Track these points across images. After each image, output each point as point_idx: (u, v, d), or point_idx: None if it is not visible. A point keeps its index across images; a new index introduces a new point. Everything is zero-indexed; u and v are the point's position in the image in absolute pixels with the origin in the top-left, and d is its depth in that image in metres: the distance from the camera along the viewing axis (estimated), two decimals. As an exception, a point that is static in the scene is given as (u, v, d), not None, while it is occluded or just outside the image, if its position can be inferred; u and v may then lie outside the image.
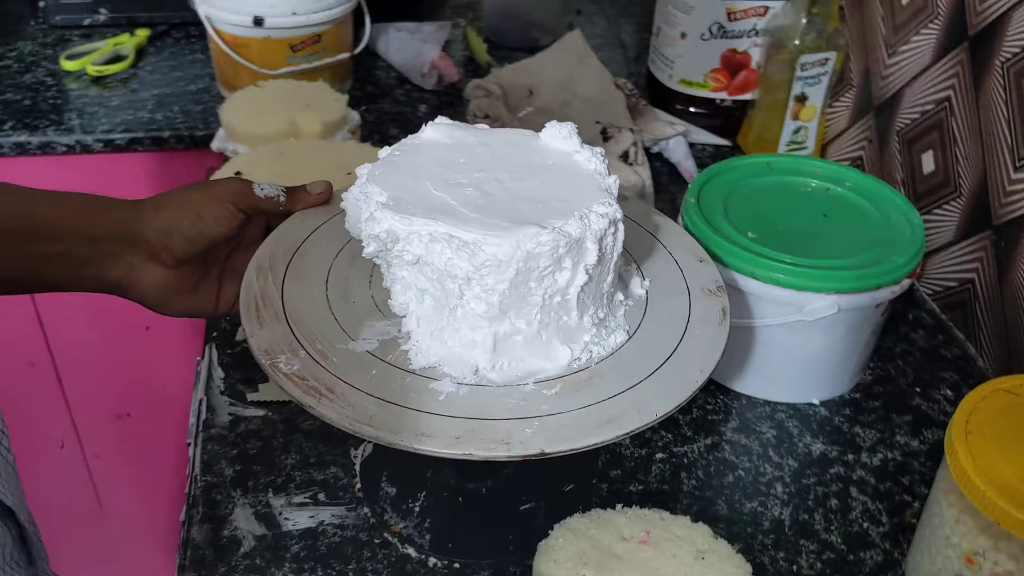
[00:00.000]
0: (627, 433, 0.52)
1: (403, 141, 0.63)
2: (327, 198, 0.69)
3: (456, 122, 0.65)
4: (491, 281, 0.52)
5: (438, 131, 0.64)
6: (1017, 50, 0.79)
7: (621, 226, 0.56)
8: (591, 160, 0.59)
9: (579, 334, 0.56)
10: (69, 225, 0.62)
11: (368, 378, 0.54)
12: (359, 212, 0.57)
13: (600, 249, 0.54)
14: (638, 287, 0.63)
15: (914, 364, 0.84)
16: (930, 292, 0.92)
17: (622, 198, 0.69)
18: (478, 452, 0.50)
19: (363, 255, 0.56)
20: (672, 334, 0.58)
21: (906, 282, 0.74)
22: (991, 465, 0.56)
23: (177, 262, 0.65)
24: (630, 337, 0.59)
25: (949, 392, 0.81)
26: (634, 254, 0.66)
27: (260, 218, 0.68)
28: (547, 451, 0.50)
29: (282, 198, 0.67)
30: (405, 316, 0.57)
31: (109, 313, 1.29)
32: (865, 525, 0.69)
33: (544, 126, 0.62)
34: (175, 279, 0.66)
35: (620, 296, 0.61)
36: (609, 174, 0.58)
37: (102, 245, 0.63)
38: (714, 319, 0.60)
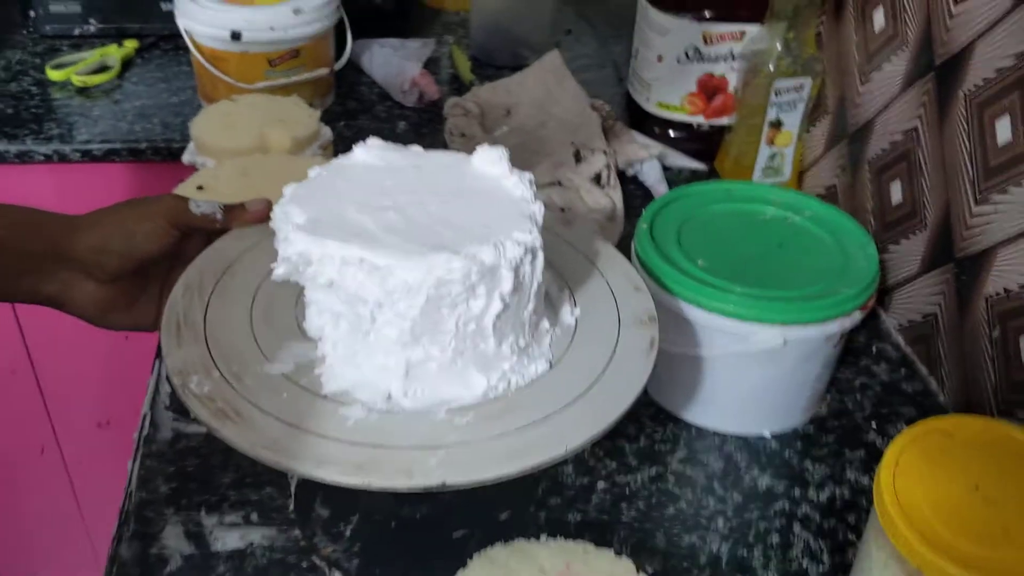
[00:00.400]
0: (534, 466, 0.51)
1: (333, 161, 0.62)
2: (265, 216, 0.68)
3: (389, 143, 0.64)
4: (402, 307, 0.52)
5: (369, 152, 0.63)
6: (980, 82, 0.78)
7: (540, 254, 0.55)
8: (518, 186, 0.58)
9: (497, 362, 0.55)
10: (1, 239, 0.62)
11: (278, 401, 0.54)
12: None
13: (516, 277, 0.53)
14: (568, 315, 0.62)
15: (873, 398, 0.83)
16: (896, 325, 0.91)
17: (564, 223, 0.69)
18: (377, 482, 0.49)
19: (272, 277, 0.56)
20: (595, 365, 0.58)
21: (857, 315, 0.73)
22: (917, 510, 0.54)
23: (111, 278, 0.65)
24: (552, 366, 0.58)
25: (905, 427, 0.80)
26: (569, 281, 0.65)
27: (200, 235, 0.68)
28: (448, 483, 0.49)
29: (219, 215, 0.67)
30: (320, 339, 0.57)
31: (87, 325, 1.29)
32: (805, 563, 0.68)
33: (477, 150, 0.62)
34: (110, 295, 0.66)
35: (546, 324, 0.60)
36: (535, 200, 0.58)
37: (34, 260, 0.63)
38: (640, 351, 0.59)
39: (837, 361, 0.79)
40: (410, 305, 0.52)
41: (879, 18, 0.94)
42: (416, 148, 0.63)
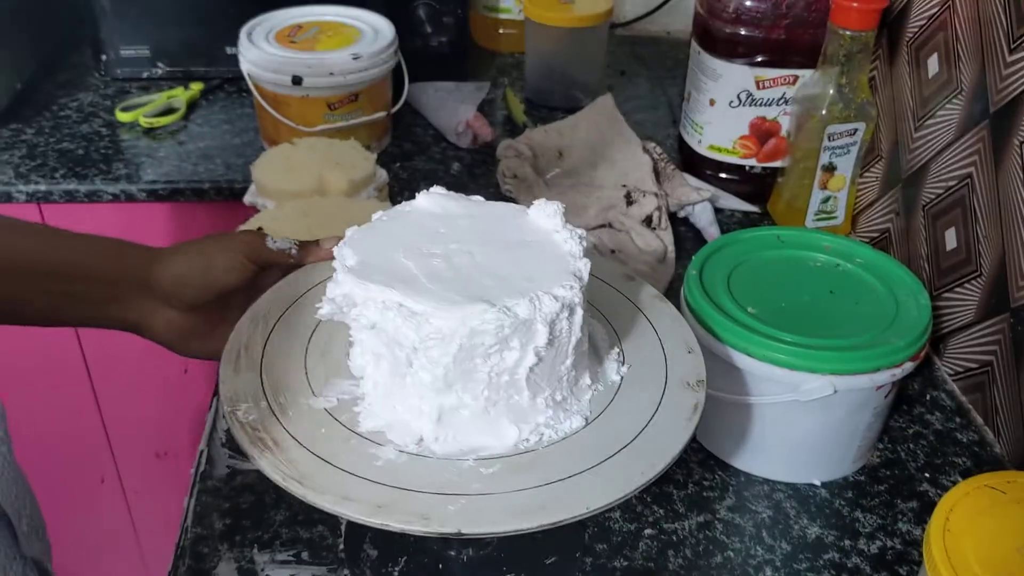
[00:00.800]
0: (551, 524, 0.51)
1: (395, 208, 0.64)
2: None
3: (451, 193, 0.66)
4: (436, 353, 0.53)
5: (430, 200, 0.65)
6: (1036, 130, 0.77)
7: (580, 311, 0.56)
8: (568, 241, 0.59)
9: (531, 414, 0.56)
10: (87, 267, 0.66)
11: (315, 435, 0.55)
12: None
13: (552, 332, 0.54)
14: (613, 372, 0.62)
15: (926, 448, 0.82)
16: (951, 372, 0.90)
17: (627, 278, 0.70)
18: (395, 524, 0.50)
19: (317, 315, 0.57)
20: (633, 425, 0.58)
21: (908, 365, 0.73)
22: (966, 566, 0.54)
23: (190, 307, 0.68)
24: (587, 423, 0.58)
25: (960, 479, 0.78)
26: (622, 337, 0.65)
27: (276, 269, 0.71)
28: (464, 531, 0.50)
29: (294, 251, 0.69)
30: (363, 378, 0.58)
31: (149, 356, 1.33)
32: (853, 616, 0.67)
33: (535, 203, 0.63)
34: (189, 323, 0.69)
35: (587, 380, 0.60)
36: (582, 257, 0.58)
37: (118, 287, 0.67)
38: (683, 415, 0.58)
39: (889, 409, 0.79)
40: (444, 352, 0.53)
41: (933, 64, 0.93)
42: (477, 198, 0.65)
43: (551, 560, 0.70)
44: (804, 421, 0.74)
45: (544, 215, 0.62)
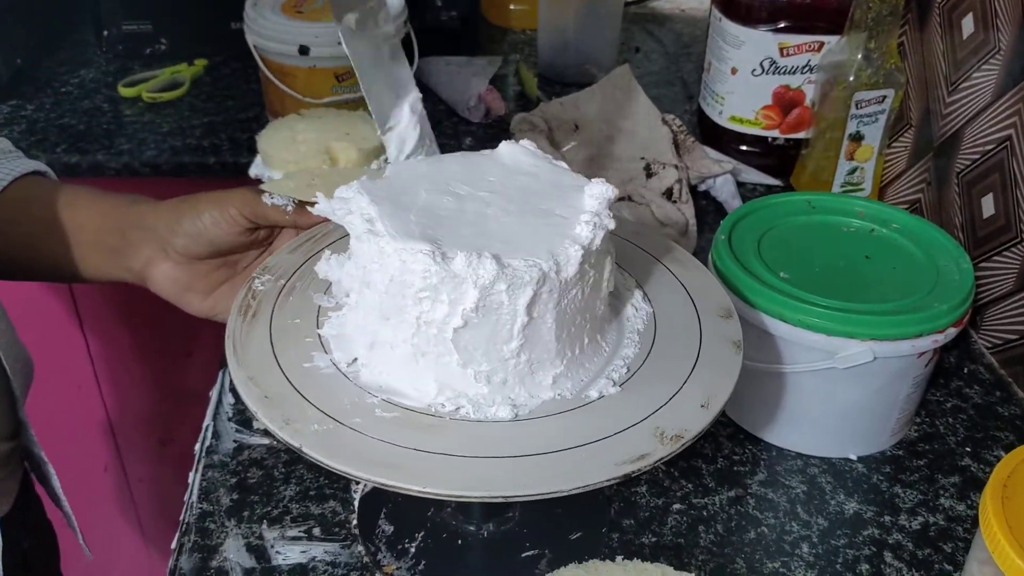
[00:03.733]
0: (559, 492, 0.47)
1: (475, 152, 0.62)
2: None
3: (535, 151, 0.62)
4: (376, 278, 0.53)
5: (509, 149, 0.62)
6: (1083, 86, 0.73)
7: (552, 297, 0.52)
8: (587, 225, 0.55)
9: (458, 382, 0.53)
10: (102, 218, 0.67)
11: (325, 396, 0.53)
12: None
13: (483, 299, 0.50)
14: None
15: (966, 422, 0.78)
16: (988, 345, 0.86)
17: (664, 249, 0.66)
18: (392, 482, 0.48)
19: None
20: (662, 393, 0.54)
21: (952, 331, 0.69)
22: (1028, 535, 0.50)
23: (184, 259, 0.67)
24: (516, 419, 0.53)
25: (1003, 453, 0.75)
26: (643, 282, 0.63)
27: (277, 233, 0.70)
28: (458, 494, 0.48)
29: (290, 208, 0.66)
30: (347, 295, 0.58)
31: (152, 339, 1.30)
32: (897, 594, 0.63)
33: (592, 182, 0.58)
34: (186, 276, 0.67)
35: (556, 371, 0.55)
36: (577, 245, 0.53)
37: (126, 237, 0.67)
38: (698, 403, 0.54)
39: (928, 382, 0.75)
40: (381, 279, 0.52)
41: (968, 25, 0.90)
42: (561, 165, 0.61)
43: (576, 536, 0.67)
44: (841, 391, 0.70)
45: (593, 193, 0.57)
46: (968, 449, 0.75)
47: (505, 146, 0.62)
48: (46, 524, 0.82)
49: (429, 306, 0.51)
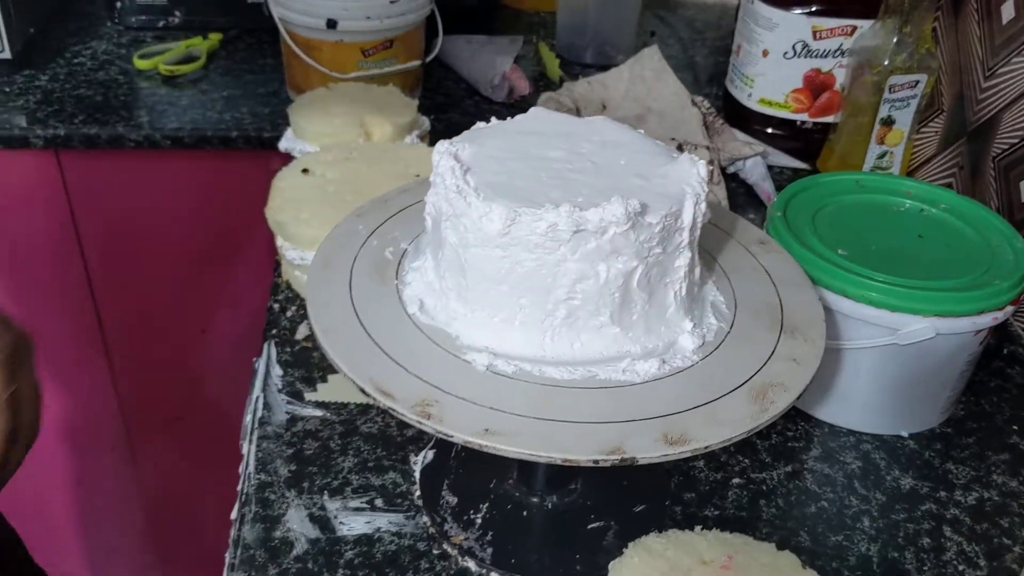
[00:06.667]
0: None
1: (573, 118, 0.63)
2: None
3: (623, 126, 0.63)
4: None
5: (605, 124, 0.62)
6: None
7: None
8: (689, 188, 0.55)
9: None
10: None
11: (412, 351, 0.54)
12: None
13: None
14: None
15: (1010, 401, 0.79)
16: (1025, 327, 0.87)
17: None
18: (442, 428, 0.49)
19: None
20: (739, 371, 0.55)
21: (1010, 309, 0.69)
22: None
23: None
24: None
25: (1049, 432, 0.76)
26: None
27: None
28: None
29: None
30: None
31: (164, 316, 1.28)
32: (961, 568, 0.64)
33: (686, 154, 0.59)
34: None
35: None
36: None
37: None
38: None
39: (977, 361, 0.76)
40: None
41: (1008, 11, 0.90)
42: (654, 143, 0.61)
43: (639, 508, 0.67)
44: (898, 368, 0.71)
45: (685, 166, 0.57)
46: (1015, 427, 0.76)
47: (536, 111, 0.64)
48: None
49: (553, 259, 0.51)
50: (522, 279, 0.52)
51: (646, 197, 0.53)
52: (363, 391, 0.51)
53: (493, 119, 0.62)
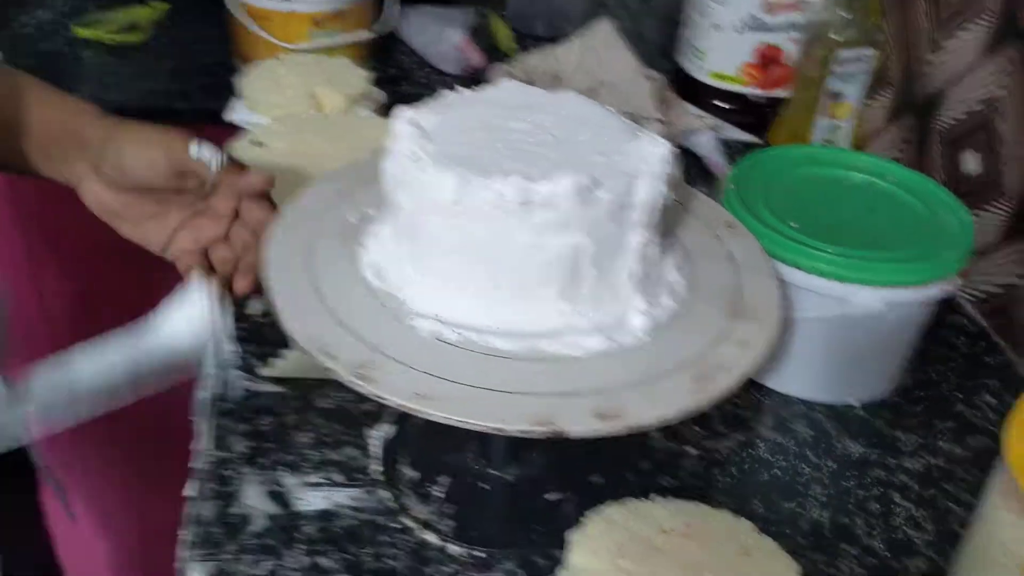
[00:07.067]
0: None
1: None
2: (259, 191, 0.65)
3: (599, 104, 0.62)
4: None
5: (574, 99, 0.62)
6: (1076, 46, 0.76)
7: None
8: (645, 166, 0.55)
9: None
10: (50, 121, 0.64)
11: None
12: None
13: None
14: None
15: (956, 369, 0.81)
16: (969, 297, 0.89)
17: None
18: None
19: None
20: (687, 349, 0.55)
21: (957, 280, 0.71)
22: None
23: (110, 187, 0.63)
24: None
25: (992, 399, 0.78)
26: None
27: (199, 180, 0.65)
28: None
29: (214, 166, 0.62)
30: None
31: (107, 296, 1.25)
32: (909, 531, 0.66)
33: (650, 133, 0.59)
34: (113, 202, 0.64)
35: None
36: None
37: (64, 146, 0.64)
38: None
39: (925, 331, 0.77)
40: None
41: (954, -15, 0.92)
42: (629, 121, 0.61)
43: (598, 479, 0.67)
44: (848, 338, 0.72)
45: (647, 145, 0.57)
46: (961, 396, 0.78)
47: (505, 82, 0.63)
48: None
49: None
50: (473, 249, 0.52)
51: (601, 173, 0.53)
52: (305, 351, 0.51)
53: (458, 88, 0.61)
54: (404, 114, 0.55)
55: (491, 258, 0.53)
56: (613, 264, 0.55)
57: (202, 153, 0.62)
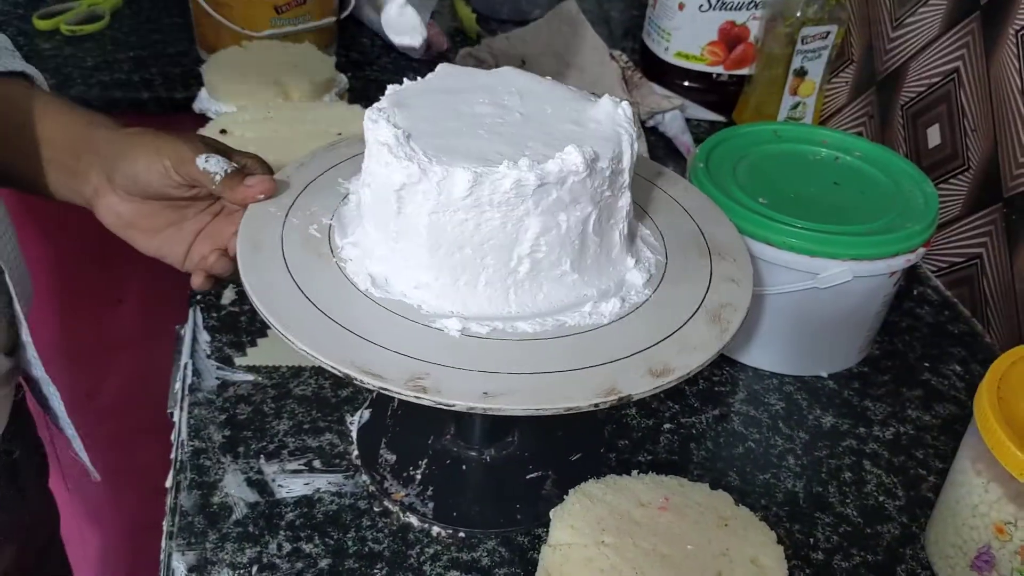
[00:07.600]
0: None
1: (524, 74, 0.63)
2: (268, 193, 0.62)
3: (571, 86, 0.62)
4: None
5: (514, 74, 0.63)
6: (1032, 18, 0.77)
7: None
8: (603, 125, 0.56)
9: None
10: (67, 133, 0.63)
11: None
12: None
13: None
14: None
15: (921, 339, 0.83)
16: (933, 268, 0.91)
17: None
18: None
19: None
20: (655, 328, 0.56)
21: (921, 251, 0.72)
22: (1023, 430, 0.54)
23: (125, 197, 0.62)
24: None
25: (958, 367, 0.80)
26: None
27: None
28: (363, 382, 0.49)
29: (218, 179, 0.61)
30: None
31: (80, 288, 1.24)
32: (881, 498, 0.67)
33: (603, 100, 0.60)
34: (129, 213, 0.63)
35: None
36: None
37: (81, 158, 0.62)
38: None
39: (891, 302, 0.79)
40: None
41: (913, -39, 0.93)
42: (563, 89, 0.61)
43: (576, 456, 0.68)
44: (817, 311, 0.73)
45: (609, 108, 0.58)
46: (927, 365, 0.80)
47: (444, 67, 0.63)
48: (38, 441, 0.81)
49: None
50: (485, 239, 0.52)
51: (590, 142, 0.53)
52: (350, 377, 0.49)
53: (406, 80, 0.61)
54: (374, 115, 0.54)
55: (505, 245, 0.52)
56: (609, 228, 0.56)
57: (208, 164, 0.61)
